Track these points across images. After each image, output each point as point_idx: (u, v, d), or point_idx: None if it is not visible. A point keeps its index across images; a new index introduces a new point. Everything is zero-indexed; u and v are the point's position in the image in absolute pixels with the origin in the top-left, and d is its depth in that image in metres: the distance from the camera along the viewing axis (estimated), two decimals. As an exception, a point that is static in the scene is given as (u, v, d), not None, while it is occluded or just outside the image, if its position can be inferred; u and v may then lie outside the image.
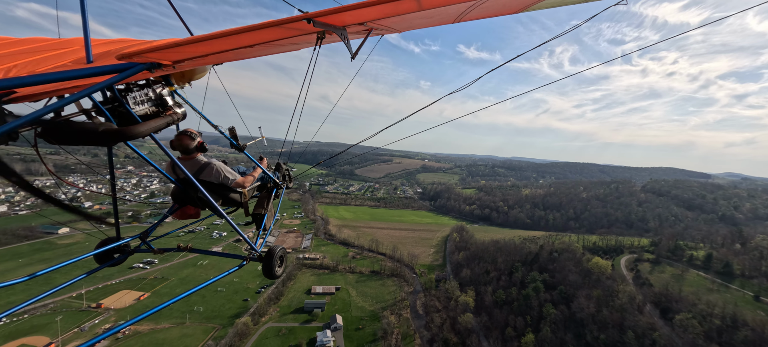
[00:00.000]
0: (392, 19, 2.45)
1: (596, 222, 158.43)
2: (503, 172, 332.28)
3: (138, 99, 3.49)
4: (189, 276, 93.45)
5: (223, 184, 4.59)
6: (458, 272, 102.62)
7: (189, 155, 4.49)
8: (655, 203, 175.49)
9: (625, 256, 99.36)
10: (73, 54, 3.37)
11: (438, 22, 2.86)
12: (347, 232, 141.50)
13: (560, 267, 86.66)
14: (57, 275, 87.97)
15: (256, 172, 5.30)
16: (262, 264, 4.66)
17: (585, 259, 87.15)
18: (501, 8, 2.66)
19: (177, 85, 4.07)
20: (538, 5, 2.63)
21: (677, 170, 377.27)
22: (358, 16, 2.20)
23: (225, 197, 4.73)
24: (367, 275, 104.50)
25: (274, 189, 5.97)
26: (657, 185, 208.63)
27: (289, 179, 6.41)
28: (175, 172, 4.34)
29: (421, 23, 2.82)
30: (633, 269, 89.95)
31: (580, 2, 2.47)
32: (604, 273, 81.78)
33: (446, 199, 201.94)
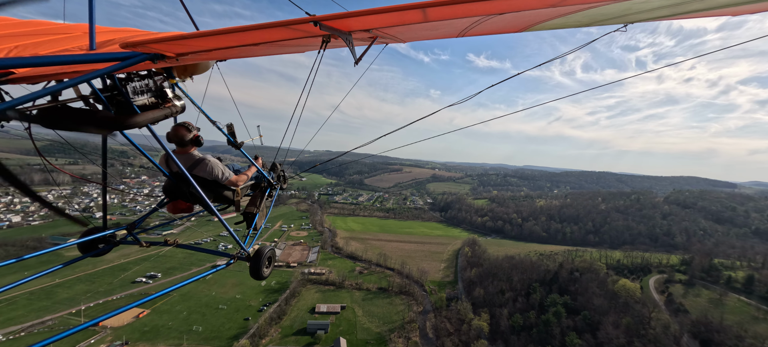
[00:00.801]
0: (398, 29, 2.52)
1: (617, 236, 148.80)
2: (516, 181, 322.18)
3: (138, 89, 3.43)
4: (191, 291, 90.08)
5: (216, 180, 4.50)
6: (471, 290, 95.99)
7: (184, 147, 4.42)
8: (680, 216, 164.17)
9: (654, 276, 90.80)
10: (77, 40, 3.30)
11: (443, 34, 2.93)
12: (355, 245, 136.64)
13: (583, 289, 79.24)
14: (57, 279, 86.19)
15: (251, 170, 5.22)
16: (250, 264, 4.54)
17: (610, 280, 79.43)
18: (504, 26, 2.78)
19: (179, 78, 3.98)
20: (539, 26, 2.76)
21: (700, 179, 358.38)
22: (364, 22, 2.23)
23: (217, 194, 4.60)
24: (375, 292, 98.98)
25: (268, 189, 5.71)
26: (681, 196, 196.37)
27: (284, 179, 6.20)
28: (168, 165, 4.26)
29: (426, 35, 2.92)
30: (664, 291, 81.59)
31: (579, 26, 2.61)
32: (633, 297, 73.99)
33: (457, 210, 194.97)
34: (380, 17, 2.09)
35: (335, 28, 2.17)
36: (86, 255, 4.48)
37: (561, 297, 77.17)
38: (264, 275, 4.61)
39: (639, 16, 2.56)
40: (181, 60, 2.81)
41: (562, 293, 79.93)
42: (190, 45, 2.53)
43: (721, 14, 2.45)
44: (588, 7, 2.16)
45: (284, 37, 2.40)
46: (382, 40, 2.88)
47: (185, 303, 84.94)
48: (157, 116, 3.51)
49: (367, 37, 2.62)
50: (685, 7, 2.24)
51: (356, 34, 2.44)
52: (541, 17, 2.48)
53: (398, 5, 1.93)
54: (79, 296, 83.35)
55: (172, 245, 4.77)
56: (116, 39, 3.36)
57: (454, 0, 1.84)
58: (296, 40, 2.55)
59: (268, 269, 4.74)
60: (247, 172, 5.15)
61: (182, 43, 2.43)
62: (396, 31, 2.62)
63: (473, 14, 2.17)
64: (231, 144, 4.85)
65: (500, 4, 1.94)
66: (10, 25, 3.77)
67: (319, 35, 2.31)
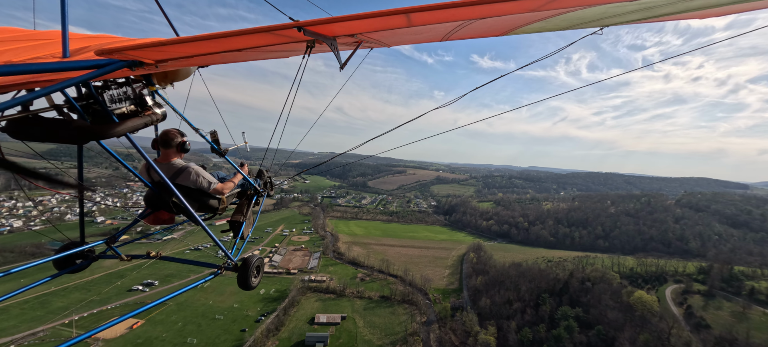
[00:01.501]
0: (382, 33, 2.57)
1: (628, 241, 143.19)
2: (521, 183, 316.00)
3: (115, 97, 3.32)
4: (188, 300, 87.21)
5: (201, 189, 4.33)
6: (476, 300, 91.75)
7: (169, 148, 4.23)
8: (693, 220, 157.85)
9: (671, 286, 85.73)
10: (49, 47, 3.15)
11: (426, 39, 2.98)
12: (357, 250, 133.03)
13: (595, 300, 74.64)
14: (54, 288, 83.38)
15: (236, 178, 5.07)
16: (237, 275, 4.39)
17: (625, 292, 74.68)
18: (487, 30, 2.85)
19: (158, 85, 3.89)
20: (520, 30, 2.83)
21: (711, 180, 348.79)
22: (349, 27, 2.25)
23: (202, 203, 4.43)
24: (377, 301, 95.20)
25: (255, 197, 5.51)
26: (693, 198, 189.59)
27: (270, 186, 6.06)
28: (149, 175, 4.10)
29: (410, 39, 2.97)
30: (682, 303, 76.60)
31: (558, 29, 2.76)
32: (650, 310, 69.23)
33: (462, 213, 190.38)
34: (364, 22, 2.12)
35: (319, 33, 2.17)
36: (63, 272, 4.28)
37: (572, 310, 72.67)
38: (252, 285, 4.45)
39: (614, 20, 2.61)
40: (161, 67, 2.73)
41: (573, 304, 75.40)
42: (170, 51, 2.45)
43: (689, 17, 2.60)
44: (566, 12, 2.25)
45: (268, 43, 2.37)
46: (366, 44, 2.87)
47: (181, 313, 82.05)
48: (136, 124, 3.43)
49: (351, 41, 2.60)
50: (655, 12, 2.36)
51: (341, 39, 2.42)
52: (521, 21, 2.55)
53: (382, 11, 1.95)
54: (73, 305, 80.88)
55: (155, 258, 4.62)
56: (92, 46, 3.24)
57: (437, 6, 1.87)
58: (280, 46, 2.52)
59: (256, 278, 4.56)
60: (233, 179, 4.98)
61: (161, 49, 2.37)
62: (380, 36, 2.65)
63: (456, 19, 2.23)
64: (215, 152, 4.79)
65: (482, 9, 1.96)
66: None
67: (304, 40, 2.30)
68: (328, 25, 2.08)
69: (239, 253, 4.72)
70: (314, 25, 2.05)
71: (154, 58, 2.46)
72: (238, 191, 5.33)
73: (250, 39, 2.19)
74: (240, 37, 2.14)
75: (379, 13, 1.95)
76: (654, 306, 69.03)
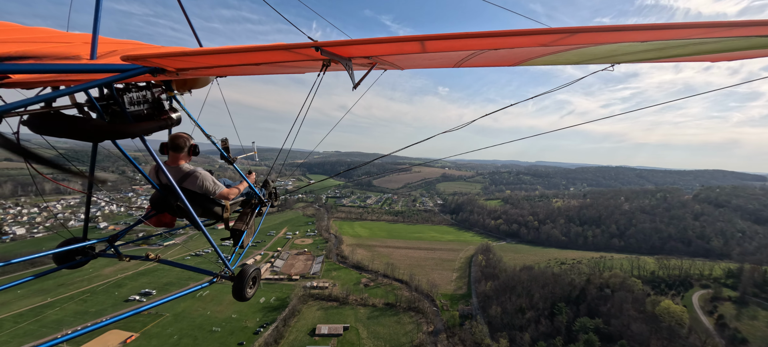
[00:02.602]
0: (396, 57, 2.67)
1: (645, 240, 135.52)
2: (529, 179, 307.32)
3: (134, 100, 3.40)
4: (185, 311, 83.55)
5: (205, 194, 4.34)
6: (486, 307, 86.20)
7: (179, 152, 4.28)
8: (713, 216, 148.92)
9: (697, 291, 78.88)
10: (78, 49, 3.33)
11: (439, 64, 3.05)
12: (361, 253, 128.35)
13: (616, 309, 68.45)
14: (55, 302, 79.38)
15: (242, 186, 5.05)
16: (233, 284, 4.31)
17: (650, 300, 68.29)
18: (499, 60, 3.00)
19: (177, 91, 3.94)
20: (531, 62, 2.92)
21: (727, 172, 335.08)
22: (365, 50, 2.32)
23: (206, 209, 4.46)
24: (381, 308, 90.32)
25: (258, 206, 5.51)
26: (712, 193, 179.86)
27: (275, 197, 6.00)
28: (157, 177, 4.14)
29: (424, 64, 3.04)
30: (712, 312, 69.90)
31: (569, 63, 2.84)
32: (679, 322, 62.82)
33: (469, 212, 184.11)
34: (380, 46, 2.19)
35: (336, 53, 2.22)
36: (61, 266, 4.28)
37: (592, 320, 66.64)
38: (247, 296, 4.40)
39: (625, 58, 2.67)
40: (181, 75, 2.82)
41: (592, 314, 69.34)
42: (192, 61, 2.57)
43: (700, 60, 2.64)
44: (577, 48, 2.28)
45: (285, 60, 2.46)
46: (380, 66, 2.95)
47: (177, 325, 78.34)
48: (151, 126, 3.53)
49: (366, 63, 2.67)
50: (667, 53, 2.40)
51: (356, 60, 2.48)
52: (533, 54, 2.64)
53: (398, 37, 2.01)
54: (68, 317, 77.82)
55: (154, 260, 4.62)
56: (119, 50, 3.38)
57: (451, 35, 1.91)
58: (297, 63, 2.61)
59: (251, 289, 4.51)
60: (238, 187, 4.96)
61: (183, 59, 2.46)
62: (395, 59, 2.75)
63: (468, 48, 2.30)
64: (224, 159, 4.86)
65: (494, 41, 2.00)
66: (14, 30, 3.76)
67: (320, 59, 2.37)
68: (345, 47, 2.14)
69: (237, 262, 4.62)
70: (332, 46, 2.10)
71: (176, 66, 2.53)
72: (242, 200, 5.26)
73: (269, 55, 2.27)
74: (260, 53, 2.22)
75: (394, 39, 2.02)
76: (684, 318, 62.56)
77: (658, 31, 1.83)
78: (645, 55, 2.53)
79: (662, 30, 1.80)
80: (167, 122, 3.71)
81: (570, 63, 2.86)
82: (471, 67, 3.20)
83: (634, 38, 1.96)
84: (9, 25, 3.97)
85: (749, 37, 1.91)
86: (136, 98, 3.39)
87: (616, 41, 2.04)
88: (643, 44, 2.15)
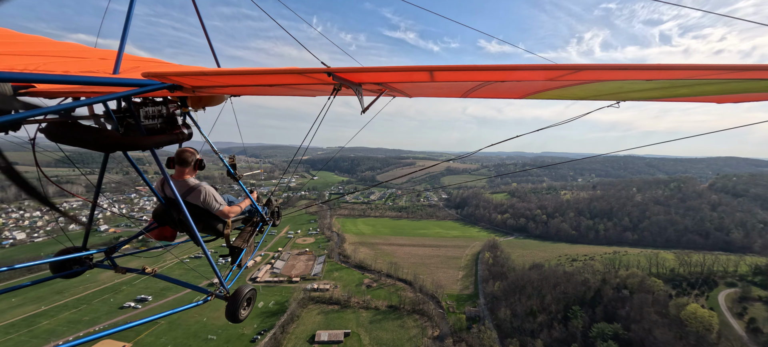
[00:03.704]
0: (406, 85, 2.72)
1: (659, 233, 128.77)
2: (535, 171, 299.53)
3: (149, 114, 3.50)
4: (181, 318, 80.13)
5: (207, 209, 4.32)
6: (495, 309, 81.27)
7: (186, 166, 4.30)
8: (732, 206, 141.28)
9: (723, 290, 72.83)
10: (103, 63, 3.50)
11: (447, 94, 3.10)
12: (364, 252, 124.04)
13: (636, 313, 62.94)
14: None
15: (244, 203, 4.98)
16: (227, 304, 4.21)
17: (674, 304, 62.60)
18: (506, 92, 3.04)
19: (192, 108, 4.08)
20: (537, 95, 2.95)
21: (740, 159, 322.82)
22: (375, 77, 2.39)
23: (207, 224, 4.41)
24: (384, 311, 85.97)
25: (260, 224, 5.42)
26: (729, 182, 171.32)
27: (277, 216, 5.91)
28: (163, 190, 4.15)
29: (432, 93, 3.11)
30: (741, 314, 63.97)
31: (575, 99, 2.84)
32: (708, 327, 57.12)
33: (474, 207, 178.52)
34: (390, 74, 2.27)
35: (347, 79, 2.29)
36: (57, 275, 4.24)
37: (610, 325, 61.26)
38: (240, 317, 4.31)
39: (631, 96, 2.69)
40: (197, 92, 2.91)
41: (609, 318, 63.94)
42: (209, 80, 2.70)
43: (706, 101, 2.64)
44: (582, 83, 2.33)
45: (298, 83, 2.55)
46: (389, 93, 3.02)
47: (172, 333, 74.96)
48: (163, 140, 3.58)
49: (376, 89, 2.77)
50: (672, 92, 2.44)
51: (366, 85, 2.55)
52: (539, 87, 2.68)
53: (408, 66, 2.05)
54: (60, 327, 74.90)
55: (150, 275, 4.60)
56: (141, 66, 3.48)
57: (460, 67, 1.97)
58: (309, 86, 2.69)
59: (245, 311, 4.44)
60: (241, 204, 4.88)
61: (200, 78, 2.57)
62: (404, 87, 2.81)
63: (476, 80, 2.35)
64: (231, 176, 4.92)
65: (501, 74, 2.03)
66: (44, 43, 3.94)
67: (332, 84, 2.43)
68: (356, 74, 2.19)
69: (233, 281, 4.56)
70: (343, 72, 2.17)
71: (193, 84, 2.63)
72: (243, 217, 5.17)
73: (283, 77, 2.38)
74: (274, 75, 2.30)
75: (405, 68, 2.07)
76: (713, 323, 56.76)
77: (663, 71, 1.82)
78: (651, 93, 2.56)
79: (667, 70, 1.79)
80: (179, 136, 3.77)
81: (576, 99, 2.82)
82: (479, 98, 3.11)
83: (639, 77, 1.96)
84: (42, 39, 4.07)
85: (755, 81, 1.92)
86: (152, 113, 3.47)
87: (620, 79, 2.05)
88: (648, 83, 2.19)
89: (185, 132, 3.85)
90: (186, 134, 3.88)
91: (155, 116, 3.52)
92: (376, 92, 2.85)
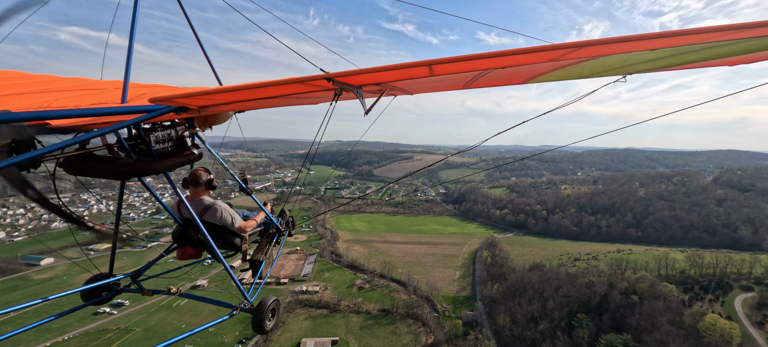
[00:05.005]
0: (406, 82, 2.72)
1: (664, 230, 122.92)
2: (535, 165, 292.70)
3: (160, 138, 3.56)
4: (158, 325, 74.40)
5: (225, 226, 4.35)
6: (493, 313, 75.65)
7: (198, 187, 4.35)
8: (738, 201, 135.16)
9: (738, 295, 67.08)
10: (110, 94, 3.58)
11: (448, 87, 3.07)
12: (358, 250, 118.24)
13: (647, 322, 57.15)
14: None
15: (259, 216, 5.03)
16: (252, 317, 4.21)
17: (690, 313, 56.72)
18: (507, 78, 2.99)
19: (199, 128, 4.15)
20: (540, 78, 2.89)
21: (741, 152, 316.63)
22: (374, 78, 2.40)
23: (225, 241, 4.48)
24: (375, 316, 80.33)
25: (276, 235, 5.48)
26: (734, 176, 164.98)
27: (292, 225, 6.04)
28: (180, 211, 4.21)
29: (433, 87, 3.06)
30: (762, 323, 58.24)
31: (579, 77, 2.79)
32: (728, 340, 51.34)
33: (472, 202, 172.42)
34: (389, 73, 2.26)
35: (347, 83, 2.30)
36: (88, 303, 4.32)
37: (619, 336, 55.49)
38: (266, 328, 4.32)
39: (638, 67, 2.58)
40: (203, 112, 2.97)
41: (618, 327, 58.17)
42: (212, 99, 2.71)
43: (718, 64, 2.51)
44: (586, 60, 2.24)
45: (300, 91, 2.55)
46: (390, 92, 3.02)
47: (147, 342, 69.09)
48: (174, 163, 3.63)
49: (376, 90, 2.77)
50: (681, 59, 2.31)
51: (367, 87, 2.54)
52: (541, 70, 2.62)
53: (407, 63, 2.05)
54: (26, 337, 69.05)
55: (175, 294, 4.70)
56: (147, 93, 3.56)
57: (458, 58, 1.96)
58: (311, 94, 2.71)
59: (270, 321, 4.42)
60: (256, 218, 4.95)
61: (204, 97, 2.60)
62: (404, 85, 2.82)
63: (476, 69, 2.33)
64: (242, 190, 4.96)
65: (500, 60, 2.01)
66: (53, 81, 4.05)
67: (332, 89, 2.46)
68: (355, 76, 2.21)
69: (256, 294, 4.57)
70: (343, 76, 2.17)
71: (198, 104, 2.68)
72: (260, 230, 5.23)
73: (284, 88, 2.35)
74: (276, 87, 2.30)
75: (403, 66, 2.06)
76: (734, 336, 50.93)
77: (668, 39, 1.76)
78: (657, 63, 2.44)
79: (673, 37, 1.73)
80: (190, 157, 3.84)
81: (581, 77, 2.78)
82: (481, 88, 3.17)
83: (644, 47, 1.90)
84: (50, 77, 4.24)
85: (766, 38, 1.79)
86: (162, 137, 3.53)
87: (625, 51, 1.98)
88: (654, 52, 2.09)
89: (195, 152, 3.91)
90: (196, 155, 3.94)
91: (165, 140, 3.56)
92: (376, 92, 2.82)
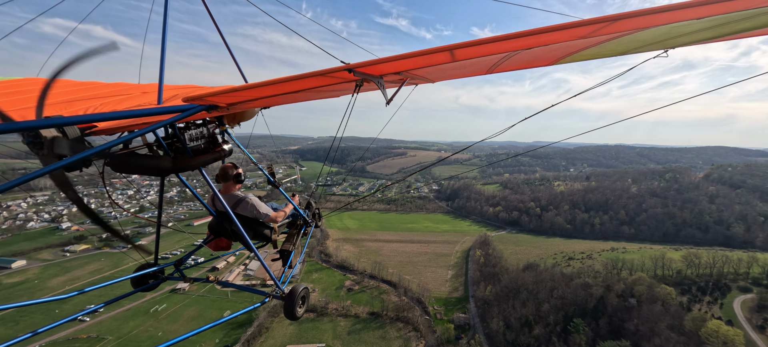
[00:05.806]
0: (427, 70, 2.64)
1: (657, 227, 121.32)
2: (528, 161, 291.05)
3: (194, 136, 3.72)
4: (132, 333, 69.57)
5: (256, 218, 4.53)
6: (486, 315, 72.49)
7: (228, 180, 4.53)
8: (730, 198, 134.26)
9: (737, 296, 64.79)
10: (148, 96, 3.79)
11: (471, 73, 2.99)
12: (348, 249, 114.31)
13: (646, 327, 54.35)
14: None
15: (288, 208, 5.15)
16: (284, 304, 4.43)
17: (691, 318, 53.96)
18: (534, 60, 2.80)
19: (228, 125, 4.29)
20: (571, 57, 2.70)
21: (729, 148, 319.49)
22: (395, 66, 2.36)
23: (256, 232, 4.63)
24: (364, 319, 76.63)
25: (303, 227, 5.64)
26: (725, 172, 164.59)
27: (319, 217, 6.12)
28: (214, 205, 4.41)
29: (455, 74, 3.02)
30: (763, 326, 55.86)
31: (614, 55, 2.56)
32: (728, 343, 48.66)
33: (466, 199, 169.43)
34: (410, 61, 2.21)
35: (368, 73, 2.29)
36: (137, 290, 4.59)
37: (617, 342, 52.53)
38: (297, 315, 4.46)
39: (681, 40, 2.29)
40: (231, 109, 3.09)
41: (615, 333, 55.28)
42: (239, 96, 2.81)
43: None
44: (622, 35, 2.02)
45: (322, 84, 2.55)
46: (411, 81, 2.99)
47: (120, 352, 64.51)
48: (208, 159, 3.84)
49: (397, 79, 2.75)
50: (730, 28, 2.01)
51: (388, 77, 2.53)
52: (571, 49, 2.41)
53: (427, 50, 1.99)
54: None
55: (214, 283, 4.93)
56: (180, 94, 3.77)
57: (480, 41, 1.88)
58: (333, 86, 2.74)
59: (301, 308, 4.56)
60: (285, 209, 5.04)
61: (232, 95, 2.69)
62: (425, 72, 2.75)
63: (500, 52, 2.20)
64: (270, 183, 5.15)
65: (526, 41, 1.89)
66: (98, 87, 4.26)
67: (353, 81, 2.44)
68: (376, 66, 2.19)
69: (287, 282, 4.68)
70: (363, 66, 2.16)
71: (226, 102, 2.78)
72: (288, 221, 5.34)
73: (307, 82, 2.38)
74: (299, 81, 2.35)
75: (423, 52, 2.00)
76: (738, 343, 48.24)
77: (719, 4, 1.54)
78: (704, 34, 2.10)
79: (724, 2, 1.51)
80: (221, 153, 4.03)
81: (616, 54, 2.49)
82: (506, 72, 2.87)
83: (690, 16, 1.69)
84: (94, 83, 4.42)
85: None
86: (195, 134, 3.72)
87: (668, 22, 1.76)
88: (701, 22, 1.83)
89: (226, 148, 4.08)
90: (227, 151, 4.11)
91: (199, 138, 3.74)
92: (397, 82, 2.79)
